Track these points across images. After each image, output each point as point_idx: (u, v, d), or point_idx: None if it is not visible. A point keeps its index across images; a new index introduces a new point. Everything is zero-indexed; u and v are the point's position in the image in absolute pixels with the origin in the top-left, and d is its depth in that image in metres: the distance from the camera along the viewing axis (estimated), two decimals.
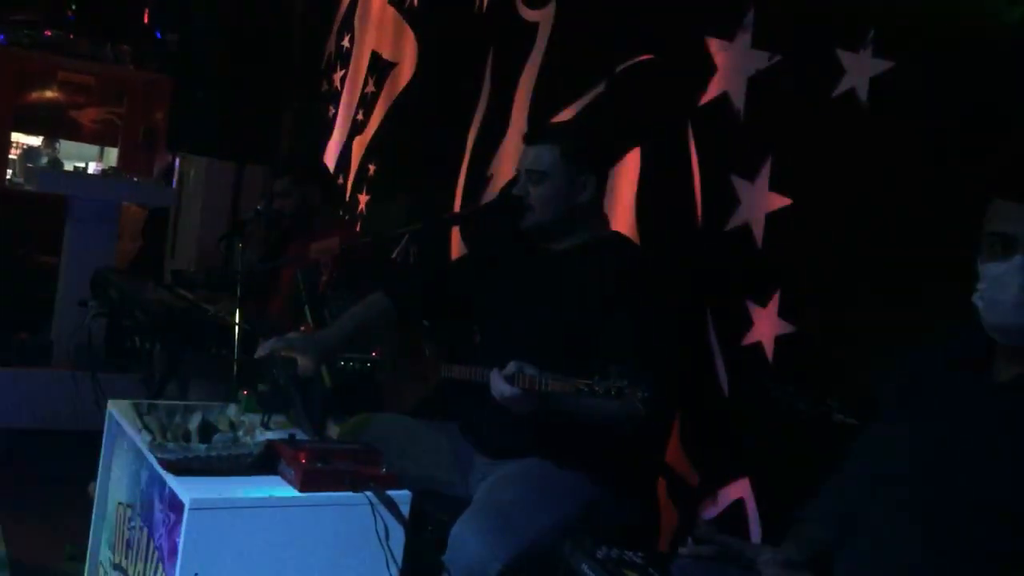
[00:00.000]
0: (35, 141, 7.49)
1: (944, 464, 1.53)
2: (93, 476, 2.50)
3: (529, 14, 3.48)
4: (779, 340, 2.32)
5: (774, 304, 2.34)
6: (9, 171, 7.33)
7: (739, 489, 2.39)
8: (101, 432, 2.46)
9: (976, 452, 1.49)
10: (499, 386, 2.02)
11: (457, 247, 3.67)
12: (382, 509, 1.99)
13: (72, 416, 3.83)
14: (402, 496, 2.04)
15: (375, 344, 2.63)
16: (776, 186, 2.37)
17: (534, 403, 2.01)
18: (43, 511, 3.40)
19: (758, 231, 2.41)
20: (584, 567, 1.43)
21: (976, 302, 1.54)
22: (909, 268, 2.05)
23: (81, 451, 2.83)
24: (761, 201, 2.41)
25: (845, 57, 2.20)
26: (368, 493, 1.98)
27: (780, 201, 2.36)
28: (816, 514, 1.72)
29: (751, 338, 2.40)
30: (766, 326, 2.36)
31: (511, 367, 1.99)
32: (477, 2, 3.86)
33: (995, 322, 1.53)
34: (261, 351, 2.30)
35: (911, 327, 1.99)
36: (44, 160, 7.00)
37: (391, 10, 4.66)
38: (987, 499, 1.45)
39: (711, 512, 2.44)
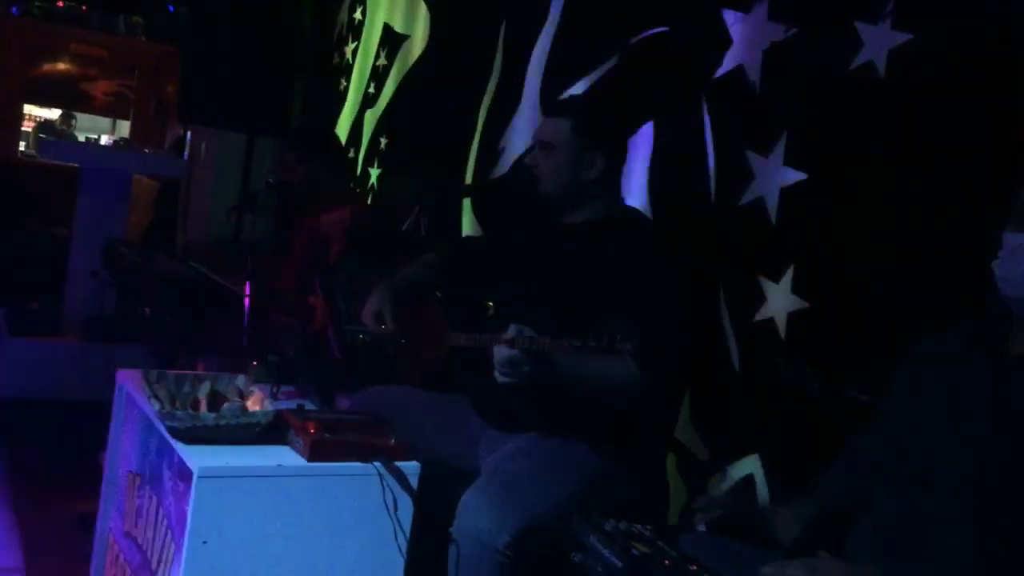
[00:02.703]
0: (47, 113, 7.50)
1: (955, 438, 1.52)
2: (103, 446, 2.51)
3: None
4: (792, 316, 2.30)
5: (787, 280, 2.32)
6: (22, 143, 7.35)
7: (749, 465, 2.38)
8: (111, 402, 2.47)
9: (986, 426, 1.48)
10: (500, 351, 2.01)
11: (468, 220, 3.65)
12: (390, 480, 1.99)
13: (83, 386, 3.85)
14: (411, 467, 2.04)
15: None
16: (791, 161, 2.34)
17: (533, 367, 1.99)
18: (53, 481, 3.42)
19: (772, 206, 2.39)
20: (592, 539, 1.43)
21: (994, 269, 1.54)
22: (926, 244, 2.02)
23: (91, 421, 2.84)
24: (776, 176, 2.38)
25: (863, 29, 2.16)
26: (377, 464, 1.98)
27: (795, 176, 2.33)
28: (830, 481, 1.72)
29: (764, 314, 2.38)
30: (779, 302, 2.34)
31: (511, 330, 1.99)
32: None
33: (1009, 292, 1.53)
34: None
35: (928, 304, 1.97)
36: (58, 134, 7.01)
37: None
38: (997, 472, 1.43)
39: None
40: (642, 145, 2.86)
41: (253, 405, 2.14)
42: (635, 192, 2.84)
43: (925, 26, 2.05)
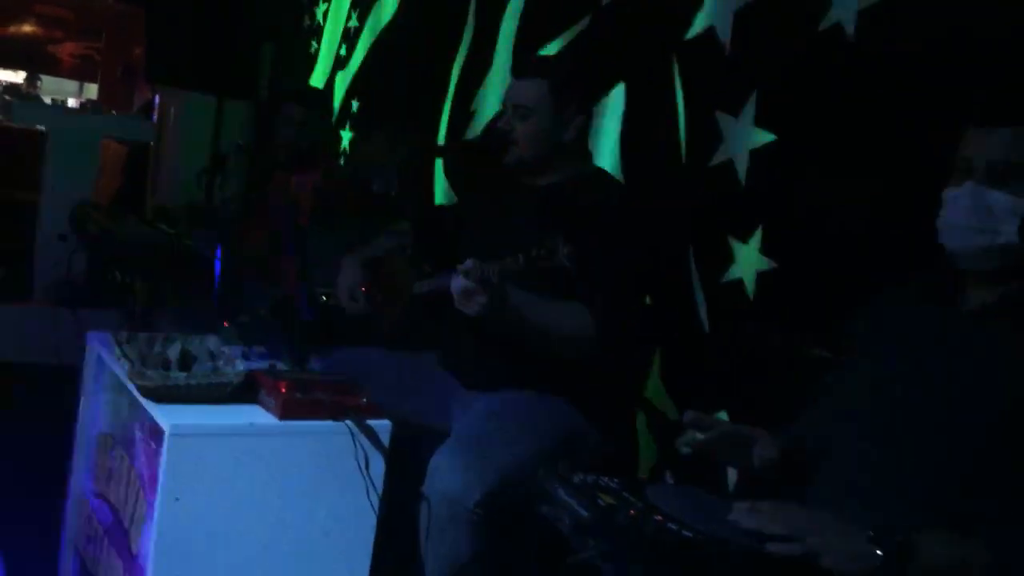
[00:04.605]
0: (13, 76, 7.38)
1: (907, 395, 1.55)
2: (74, 409, 2.50)
3: None
4: (760, 276, 2.33)
5: (756, 240, 2.34)
6: None
7: None
8: (82, 366, 2.46)
9: (939, 381, 1.51)
10: (455, 282, 2.03)
11: (440, 182, 3.65)
12: (362, 438, 2.00)
13: (53, 351, 3.82)
14: (382, 426, 2.06)
15: None
16: (761, 122, 2.36)
17: (488, 298, 2.01)
18: (24, 444, 3.40)
19: (741, 167, 2.40)
20: (559, 491, 1.44)
21: (938, 227, 1.58)
22: (894, 205, 2.05)
23: (62, 385, 2.83)
24: (745, 137, 2.40)
25: None
26: (348, 422, 1.99)
27: (764, 137, 2.35)
28: (794, 431, 1.75)
29: (732, 275, 2.41)
30: (748, 262, 2.36)
31: (468, 263, 2.01)
32: None
33: (949, 246, 1.57)
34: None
35: (894, 264, 2.00)
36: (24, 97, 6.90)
37: None
38: (950, 427, 1.47)
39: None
40: (613, 106, 2.87)
41: (224, 365, 2.14)
42: (606, 153, 2.85)
43: None
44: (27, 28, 7.23)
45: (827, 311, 2.16)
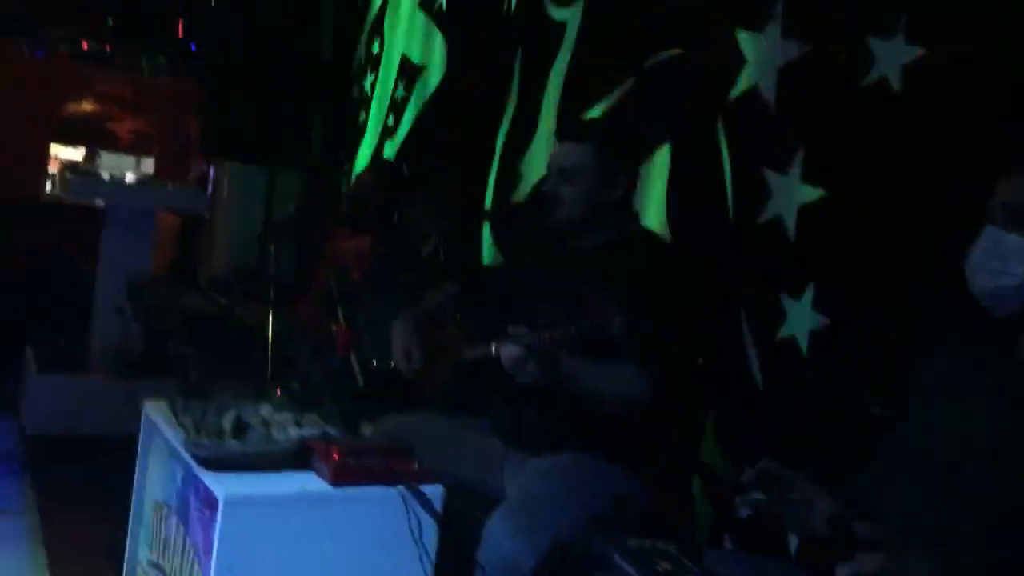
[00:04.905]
0: (74, 152, 7.60)
1: (971, 452, 1.52)
2: (130, 480, 2.52)
3: (557, 13, 3.48)
4: (813, 334, 2.29)
5: (808, 297, 2.31)
6: (48, 184, 7.45)
7: None
8: (137, 437, 2.49)
9: (1004, 435, 1.48)
10: (506, 350, 2.03)
11: (487, 246, 3.67)
12: (415, 504, 1.99)
13: (109, 422, 3.87)
14: (435, 491, 2.04)
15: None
16: (808, 178, 2.34)
17: (539, 365, 2.02)
18: (81, 514, 3.44)
19: (790, 224, 2.39)
20: (616, 557, 1.42)
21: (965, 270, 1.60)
22: (945, 258, 2.01)
23: (118, 456, 2.86)
24: (794, 193, 2.38)
25: (876, 45, 2.16)
26: (401, 488, 1.98)
27: (813, 193, 2.33)
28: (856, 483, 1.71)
29: (785, 332, 2.37)
30: (800, 319, 2.33)
31: (519, 330, 2.00)
32: (505, 3, 3.86)
33: (974, 290, 1.58)
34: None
35: (947, 318, 1.96)
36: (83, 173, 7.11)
37: (420, 13, 4.68)
38: (1011, 474, 1.43)
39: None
40: (659, 166, 2.87)
41: (277, 433, 2.15)
42: (653, 213, 2.85)
43: (939, 40, 2.06)
44: (87, 107, 7.47)
45: (883, 366, 2.12)
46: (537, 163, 3.46)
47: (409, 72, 4.73)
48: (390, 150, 4.83)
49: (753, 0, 2.54)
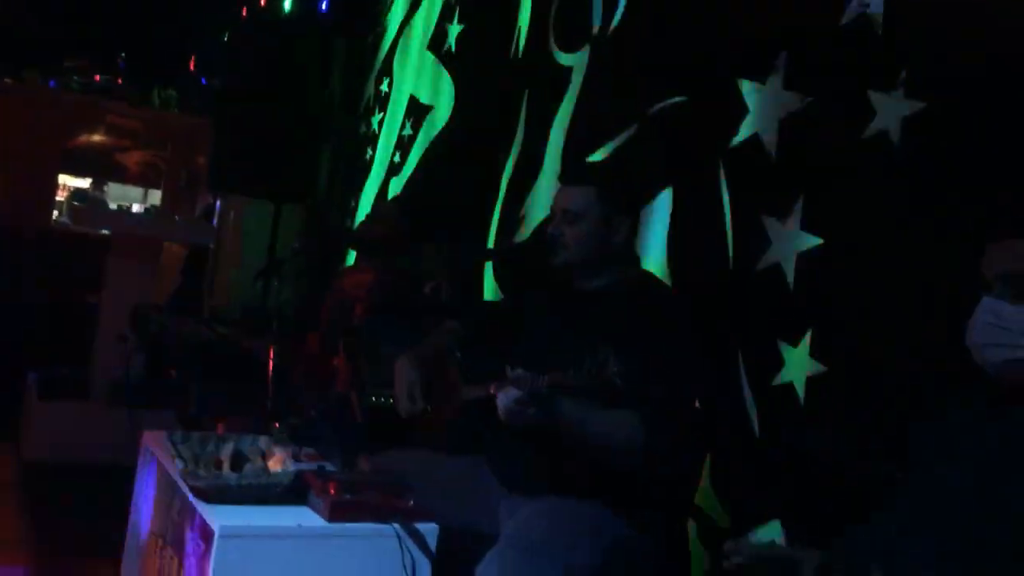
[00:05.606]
0: (82, 183, 7.68)
1: (976, 514, 1.51)
2: (129, 509, 2.53)
3: (564, 58, 3.54)
4: (811, 381, 2.31)
5: (805, 344, 2.33)
6: (55, 212, 7.52)
7: (771, 532, 2.36)
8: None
9: (1005, 498, 1.47)
10: (503, 395, 2.05)
11: (490, 285, 3.70)
12: (409, 541, 2.00)
13: (110, 450, 3.87)
14: (430, 529, 2.05)
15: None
16: (808, 226, 2.37)
17: (537, 409, 2.04)
18: (79, 543, 3.43)
19: (789, 271, 2.41)
20: None
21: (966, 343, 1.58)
22: (943, 309, 2.03)
23: (118, 485, 2.86)
24: (793, 241, 2.41)
25: (877, 98, 2.20)
26: (395, 525, 1.99)
27: (812, 241, 2.36)
28: (854, 543, 1.71)
29: (783, 378, 2.39)
30: (798, 366, 2.35)
31: (517, 373, 2.02)
32: (513, 47, 3.93)
33: (979, 362, 1.56)
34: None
35: (946, 367, 1.97)
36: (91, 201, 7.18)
37: (429, 55, 4.75)
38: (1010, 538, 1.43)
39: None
40: (661, 211, 2.90)
41: (275, 466, 2.16)
42: (654, 256, 2.87)
43: (938, 95, 2.09)
44: (97, 138, 7.55)
45: (880, 415, 2.13)
46: (540, 204, 3.50)
47: (417, 112, 4.79)
48: (395, 186, 4.88)
49: (756, 51, 2.59)
